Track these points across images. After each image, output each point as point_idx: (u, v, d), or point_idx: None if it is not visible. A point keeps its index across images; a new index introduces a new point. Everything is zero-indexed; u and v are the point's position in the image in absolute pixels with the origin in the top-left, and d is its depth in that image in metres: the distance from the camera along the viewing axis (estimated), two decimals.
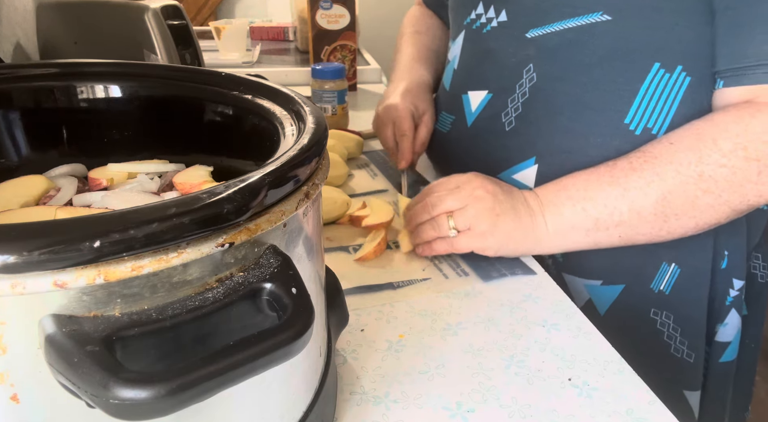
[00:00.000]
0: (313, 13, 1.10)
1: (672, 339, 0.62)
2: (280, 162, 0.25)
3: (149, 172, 0.39)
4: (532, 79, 0.59)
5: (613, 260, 0.61)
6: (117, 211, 0.21)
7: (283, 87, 0.36)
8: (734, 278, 0.60)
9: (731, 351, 0.63)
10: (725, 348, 0.63)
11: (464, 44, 0.68)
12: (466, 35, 0.67)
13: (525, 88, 0.60)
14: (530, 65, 0.59)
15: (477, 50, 0.66)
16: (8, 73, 0.38)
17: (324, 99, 0.93)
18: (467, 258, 0.57)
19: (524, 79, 0.60)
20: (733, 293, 0.61)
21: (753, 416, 1.73)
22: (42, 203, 0.35)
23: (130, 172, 0.39)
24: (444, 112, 0.72)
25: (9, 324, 0.20)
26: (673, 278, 0.60)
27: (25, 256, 0.18)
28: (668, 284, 0.60)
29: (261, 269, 0.24)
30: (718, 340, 0.63)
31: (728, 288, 0.60)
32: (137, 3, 0.75)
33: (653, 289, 0.61)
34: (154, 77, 0.40)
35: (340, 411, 0.39)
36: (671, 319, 0.61)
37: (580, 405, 0.40)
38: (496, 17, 0.62)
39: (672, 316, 0.61)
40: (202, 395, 0.20)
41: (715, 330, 0.62)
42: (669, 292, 0.60)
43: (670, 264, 0.60)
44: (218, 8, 2.09)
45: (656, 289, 0.61)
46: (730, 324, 0.62)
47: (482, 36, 0.64)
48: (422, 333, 0.47)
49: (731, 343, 0.63)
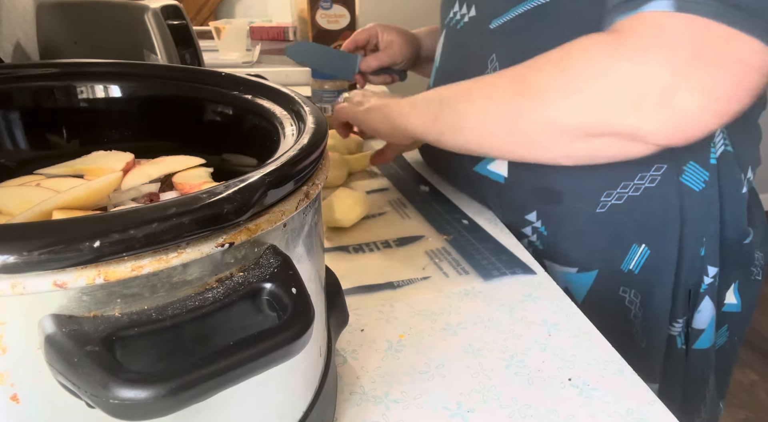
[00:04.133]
0: (313, 13, 1.10)
1: (636, 318, 0.63)
2: (280, 162, 0.25)
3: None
4: (496, 68, 0.61)
5: (587, 246, 0.61)
6: (117, 211, 0.21)
7: (283, 87, 0.36)
8: (709, 265, 0.61)
9: (705, 339, 0.64)
10: (699, 334, 0.63)
11: (444, 42, 0.70)
12: (446, 34, 0.69)
13: None
14: (493, 55, 0.61)
15: (452, 47, 0.68)
16: (8, 73, 0.38)
17: (324, 99, 0.93)
18: (467, 257, 0.57)
19: (489, 69, 0.62)
20: (708, 280, 0.61)
21: (753, 416, 1.73)
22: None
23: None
24: None
25: (9, 324, 0.20)
26: (642, 259, 0.61)
27: (25, 256, 0.18)
28: (637, 264, 0.61)
29: (261, 269, 0.24)
30: (694, 327, 0.63)
31: (703, 275, 0.61)
32: (137, 3, 0.75)
33: (623, 269, 0.62)
34: (154, 77, 0.40)
35: (340, 411, 0.39)
36: (639, 299, 0.62)
37: (580, 405, 0.40)
38: (468, 13, 0.64)
39: (639, 296, 0.62)
40: (202, 395, 0.20)
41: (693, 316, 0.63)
42: (638, 272, 0.61)
43: (640, 245, 0.60)
44: (218, 8, 2.09)
45: (626, 269, 0.61)
46: (704, 311, 0.62)
47: (457, 32, 0.66)
48: (422, 332, 0.47)
49: (705, 331, 0.63)
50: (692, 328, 0.63)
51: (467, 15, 0.64)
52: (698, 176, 0.58)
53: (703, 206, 0.58)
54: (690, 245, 0.60)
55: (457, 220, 0.65)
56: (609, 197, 0.59)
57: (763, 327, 1.95)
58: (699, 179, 0.58)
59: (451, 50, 0.68)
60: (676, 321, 0.63)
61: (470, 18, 0.64)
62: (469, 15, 0.64)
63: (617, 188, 0.59)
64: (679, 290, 0.61)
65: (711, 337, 0.64)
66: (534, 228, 0.64)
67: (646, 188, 0.58)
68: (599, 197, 0.59)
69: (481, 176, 0.66)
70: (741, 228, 0.62)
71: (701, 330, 0.63)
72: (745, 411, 1.65)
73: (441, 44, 0.71)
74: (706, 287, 0.61)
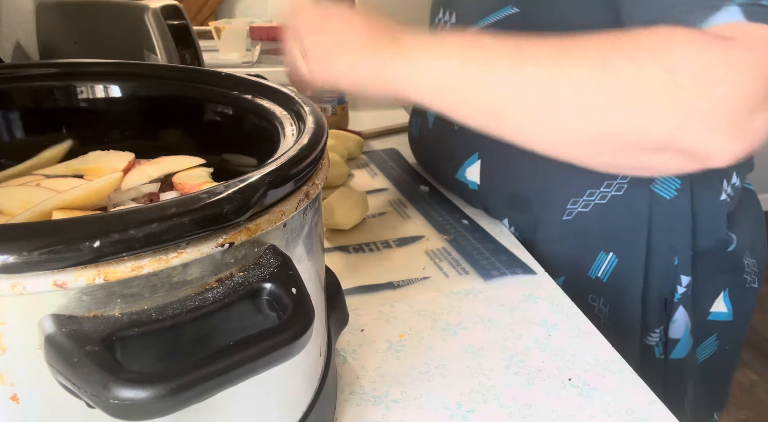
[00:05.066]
0: None
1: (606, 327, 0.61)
2: (280, 162, 0.25)
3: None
4: None
5: (556, 254, 0.61)
6: (117, 211, 0.21)
7: (283, 87, 0.36)
8: (681, 274, 0.60)
9: (680, 349, 0.63)
10: (675, 344, 0.63)
11: None
12: None
13: None
14: None
15: None
16: (8, 73, 0.38)
17: (324, 99, 0.93)
18: (467, 257, 0.57)
19: None
20: (681, 290, 0.60)
21: (753, 416, 1.73)
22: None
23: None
24: (414, 116, 0.76)
25: (9, 323, 0.20)
26: (610, 267, 0.60)
27: (25, 256, 0.18)
28: (606, 272, 0.61)
29: (261, 269, 0.24)
30: (670, 337, 0.63)
31: (677, 285, 0.60)
32: (137, 3, 0.75)
33: (590, 276, 0.61)
34: (154, 77, 0.40)
35: (340, 411, 0.39)
36: (608, 308, 0.61)
37: (580, 405, 0.40)
38: (450, 20, 0.64)
39: (608, 305, 0.61)
40: (202, 395, 0.20)
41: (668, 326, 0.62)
42: (606, 280, 0.61)
43: (608, 253, 0.60)
44: (218, 8, 2.09)
45: (594, 276, 0.61)
46: (678, 321, 0.62)
47: None
48: (422, 332, 0.47)
49: (680, 340, 0.63)
50: (669, 338, 0.63)
51: (449, 22, 0.64)
52: (669, 184, 0.57)
53: (674, 215, 0.58)
54: (661, 253, 0.59)
55: (457, 220, 0.65)
56: (575, 205, 0.59)
57: (763, 327, 1.94)
58: (671, 187, 0.57)
59: None
60: (653, 331, 0.62)
61: (451, 25, 0.64)
62: (451, 22, 0.64)
63: (583, 196, 0.59)
64: (652, 299, 0.61)
65: (687, 347, 0.63)
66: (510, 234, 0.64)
67: (612, 197, 0.58)
68: (566, 205, 0.59)
69: (461, 183, 0.66)
70: (718, 236, 0.61)
71: (677, 340, 0.63)
72: (745, 411, 1.65)
73: None
74: (680, 297, 0.60)
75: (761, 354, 1.86)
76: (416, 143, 0.77)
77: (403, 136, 0.93)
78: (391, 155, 0.84)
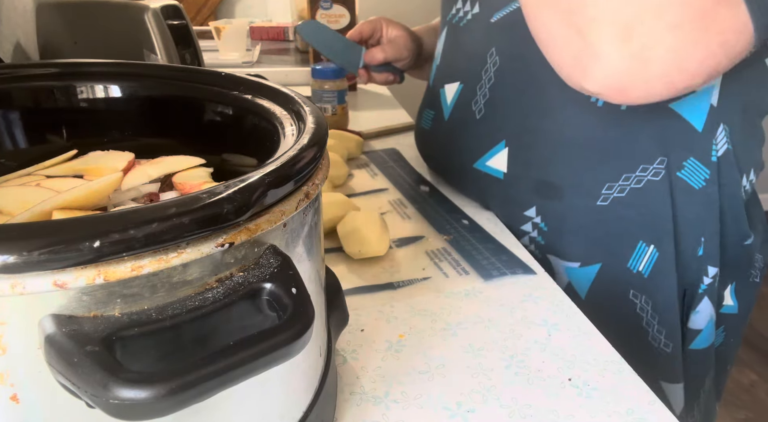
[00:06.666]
0: (313, 13, 1.11)
1: (650, 326, 0.62)
2: (280, 162, 0.25)
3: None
4: (496, 63, 0.60)
5: (589, 241, 0.61)
6: (117, 211, 0.21)
7: (283, 87, 0.36)
8: (709, 265, 0.60)
9: (702, 340, 0.63)
10: (696, 335, 0.63)
11: (445, 40, 0.70)
12: (448, 31, 0.69)
13: (490, 73, 0.61)
14: (492, 49, 0.61)
15: (454, 44, 0.68)
16: (8, 73, 0.38)
17: (324, 99, 0.93)
18: (468, 257, 0.57)
19: (488, 64, 0.61)
20: (707, 280, 0.60)
21: (753, 416, 1.73)
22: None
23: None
24: (426, 108, 0.74)
25: (9, 323, 0.20)
26: (652, 261, 0.60)
27: (25, 256, 0.18)
28: (647, 266, 0.60)
29: (261, 269, 0.24)
30: (690, 327, 0.63)
31: (703, 276, 0.60)
32: (137, 3, 0.75)
33: (630, 269, 0.60)
34: (154, 77, 0.40)
35: (340, 411, 0.39)
36: (650, 305, 0.61)
37: (580, 405, 0.40)
38: (471, 9, 0.64)
39: (650, 302, 0.61)
40: (202, 395, 0.20)
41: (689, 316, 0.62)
42: (648, 275, 0.60)
43: (649, 245, 0.59)
44: (218, 8, 2.09)
45: (634, 269, 0.60)
46: (702, 312, 0.62)
47: (459, 29, 0.66)
48: (422, 333, 0.47)
49: (702, 331, 0.63)
50: (688, 328, 0.63)
51: (470, 12, 0.64)
52: (698, 173, 0.57)
53: (703, 205, 0.58)
54: (687, 244, 0.59)
55: (457, 220, 0.65)
56: (611, 190, 0.59)
57: (763, 327, 1.94)
58: (699, 176, 0.57)
59: (453, 47, 0.68)
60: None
61: (473, 15, 0.63)
62: (473, 12, 0.64)
63: (619, 180, 0.58)
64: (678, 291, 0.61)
65: (709, 338, 0.63)
66: (534, 224, 0.64)
67: (648, 181, 0.57)
68: (600, 190, 0.59)
69: (481, 173, 0.65)
70: (741, 229, 0.61)
71: (698, 331, 0.62)
72: (745, 411, 1.65)
73: (442, 41, 0.70)
74: (705, 288, 0.60)
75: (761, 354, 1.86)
76: (427, 135, 0.74)
77: (403, 136, 0.93)
78: (391, 155, 0.84)
